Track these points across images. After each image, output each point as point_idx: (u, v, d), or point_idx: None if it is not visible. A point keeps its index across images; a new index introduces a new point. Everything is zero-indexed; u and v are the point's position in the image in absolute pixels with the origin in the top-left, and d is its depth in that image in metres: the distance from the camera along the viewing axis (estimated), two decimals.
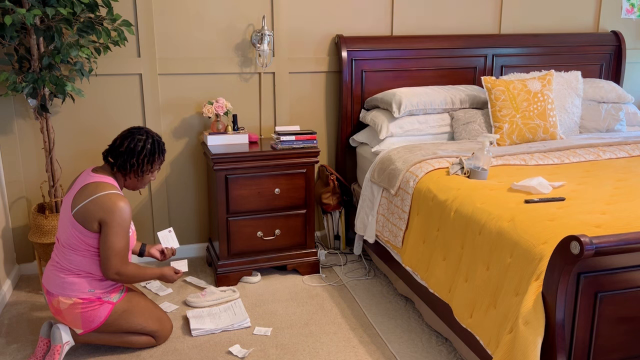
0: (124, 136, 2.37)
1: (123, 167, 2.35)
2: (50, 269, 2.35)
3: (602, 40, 3.90)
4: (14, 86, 2.66)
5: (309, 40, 3.43)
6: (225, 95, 3.36)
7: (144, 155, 2.35)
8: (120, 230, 2.25)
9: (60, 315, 2.33)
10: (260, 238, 3.11)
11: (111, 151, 2.37)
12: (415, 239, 2.57)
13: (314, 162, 3.10)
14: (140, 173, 2.38)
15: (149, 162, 2.38)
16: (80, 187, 2.30)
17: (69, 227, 2.27)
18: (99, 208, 2.22)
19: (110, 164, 2.38)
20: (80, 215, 2.25)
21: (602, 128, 3.49)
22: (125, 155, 2.33)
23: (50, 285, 2.32)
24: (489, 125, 3.24)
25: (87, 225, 2.24)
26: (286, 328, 2.66)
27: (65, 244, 2.29)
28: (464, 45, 3.60)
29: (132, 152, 2.33)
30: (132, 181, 2.41)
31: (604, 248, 1.54)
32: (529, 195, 2.26)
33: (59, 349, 2.29)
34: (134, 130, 2.39)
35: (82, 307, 2.29)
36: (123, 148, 2.33)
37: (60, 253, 2.32)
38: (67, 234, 2.28)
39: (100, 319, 2.33)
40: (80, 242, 2.27)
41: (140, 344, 2.46)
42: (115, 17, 2.82)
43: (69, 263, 2.30)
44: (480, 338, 2.01)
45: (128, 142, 2.34)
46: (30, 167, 3.13)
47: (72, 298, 2.28)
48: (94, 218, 2.23)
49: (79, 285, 2.29)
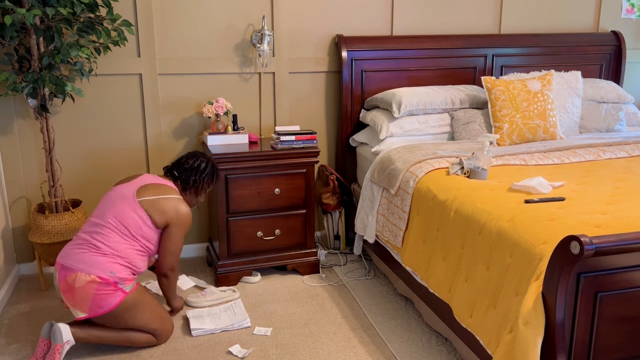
0: (190, 156, 2.68)
1: (186, 182, 2.64)
2: (73, 246, 2.39)
3: (602, 40, 3.90)
4: (14, 86, 2.66)
5: (309, 40, 3.43)
6: (225, 95, 3.36)
7: (205, 174, 2.67)
8: (182, 233, 2.53)
9: (71, 293, 2.32)
10: (260, 238, 3.11)
11: (176, 165, 2.66)
12: (415, 239, 2.57)
13: (314, 162, 3.10)
14: (199, 191, 2.68)
15: (207, 182, 2.69)
16: (148, 182, 2.52)
17: (128, 210, 2.42)
18: (172, 209, 2.47)
19: (173, 177, 2.64)
20: (149, 206, 2.43)
21: (602, 128, 3.49)
22: (190, 172, 2.64)
23: (72, 260, 2.34)
24: (489, 125, 3.24)
25: (154, 217, 2.44)
26: (286, 328, 2.66)
27: (112, 222, 2.39)
28: (464, 45, 3.60)
29: (196, 171, 2.65)
30: (188, 197, 2.68)
31: (604, 248, 1.54)
32: (529, 195, 2.26)
33: (60, 349, 2.30)
34: (198, 153, 2.71)
35: (98, 288, 2.30)
36: (188, 165, 2.64)
37: (94, 230, 2.40)
38: (122, 214, 2.41)
39: (109, 306, 2.33)
40: (134, 227, 2.41)
41: (141, 342, 2.46)
42: (115, 17, 2.83)
43: (104, 241, 2.36)
44: (480, 338, 2.01)
45: (193, 161, 2.65)
46: (30, 167, 3.13)
47: (92, 275, 2.30)
48: (165, 215, 2.45)
49: (103, 265, 2.33)
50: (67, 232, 2.89)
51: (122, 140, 3.25)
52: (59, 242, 2.87)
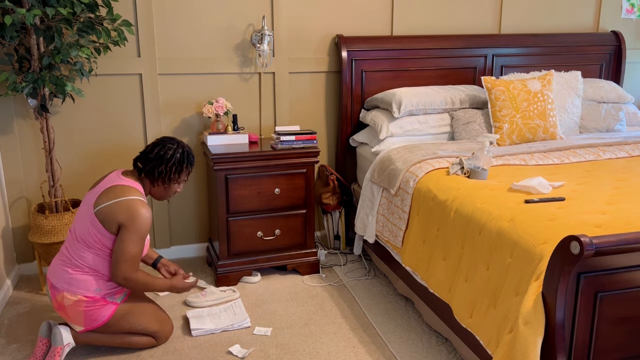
0: (156, 144, 2.41)
1: (151, 174, 2.38)
2: (59, 263, 2.34)
3: (602, 40, 3.90)
4: (14, 86, 2.66)
5: (309, 40, 3.43)
6: (225, 95, 3.36)
7: (172, 163, 2.38)
8: (136, 237, 2.26)
9: (63, 310, 2.32)
10: (260, 238, 3.11)
11: (141, 157, 2.40)
12: (415, 239, 2.57)
13: (314, 162, 3.10)
14: (167, 181, 2.41)
15: (176, 171, 2.41)
16: (106, 187, 2.31)
17: (88, 223, 2.28)
18: (121, 211, 2.24)
19: (138, 169, 2.41)
20: (102, 214, 2.26)
21: (602, 128, 3.49)
22: (155, 162, 2.36)
23: (57, 280, 2.31)
24: (489, 125, 3.24)
25: (106, 226, 2.26)
26: (286, 328, 2.66)
27: (80, 239, 2.29)
28: (464, 45, 3.60)
29: (161, 159, 2.37)
30: (158, 189, 2.44)
31: (604, 248, 1.54)
32: (529, 195, 2.26)
33: (60, 351, 2.29)
34: (165, 139, 2.43)
35: (86, 306, 2.29)
36: (153, 154, 2.37)
37: (72, 248, 2.32)
38: (84, 229, 2.29)
39: (103, 319, 2.33)
40: (96, 240, 2.28)
41: (141, 344, 2.46)
42: (115, 17, 2.82)
43: (80, 259, 2.30)
44: (480, 338, 2.01)
45: (158, 150, 2.38)
46: (30, 167, 3.13)
47: (78, 295, 2.28)
48: (115, 220, 2.24)
49: (86, 283, 2.29)
50: (67, 232, 2.89)
51: (122, 140, 3.25)
52: (59, 242, 2.87)
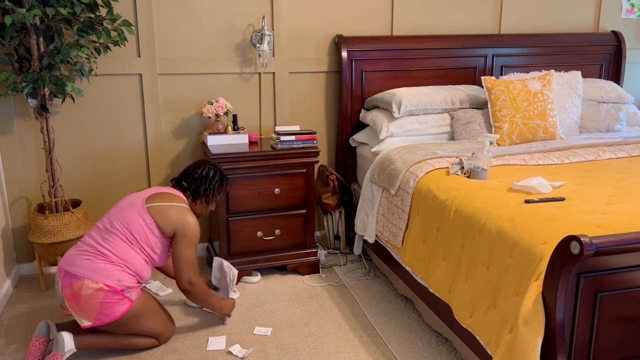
0: (197, 165, 2.66)
1: (197, 192, 2.61)
2: (77, 253, 2.36)
3: (602, 40, 3.90)
4: (14, 86, 2.66)
5: (309, 40, 3.43)
6: (225, 95, 3.36)
7: (215, 181, 2.64)
8: (192, 243, 2.45)
9: (76, 301, 2.29)
10: (260, 238, 3.11)
11: (185, 176, 2.63)
12: (415, 239, 2.57)
13: (314, 162, 3.10)
14: (210, 198, 2.65)
15: (217, 189, 2.66)
16: (158, 191, 2.52)
17: (136, 215, 2.40)
18: (177, 217, 2.43)
19: (183, 188, 2.62)
20: (155, 212, 2.41)
21: (602, 128, 3.49)
22: (199, 181, 2.61)
23: (77, 268, 2.31)
24: (489, 125, 3.24)
25: (160, 224, 2.41)
26: (286, 328, 2.66)
27: (119, 228, 2.38)
28: (464, 45, 3.60)
29: (205, 179, 2.62)
30: (199, 206, 2.65)
31: (604, 248, 1.54)
32: (529, 195, 2.26)
33: (60, 358, 2.29)
34: (204, 162, 2.68)
35: (105, 296, 2.28)
36: (197, 174, 2.62)
37: (101, 236, 2.37)
38: (129, 220, 2.39)
39: (116, 314, 2.32)
40: (140, 232, 2.38)
41: (143, 345, 2.46)
42: (115, 17, 2.83)
43: (109, 247, 2.34)
44: (480, 338, 2.01)
45: (202, 170, 2.63)
46: (30, 167, 3.13)
47: (99, 283, 2.28)
48: (170, 223, 2.42)
49: (110, 272, 2.31)
50: (67, 232, 2.89)
51: (122, 140, 3.26)
52: (59, 242, 2.87)
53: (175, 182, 2.65)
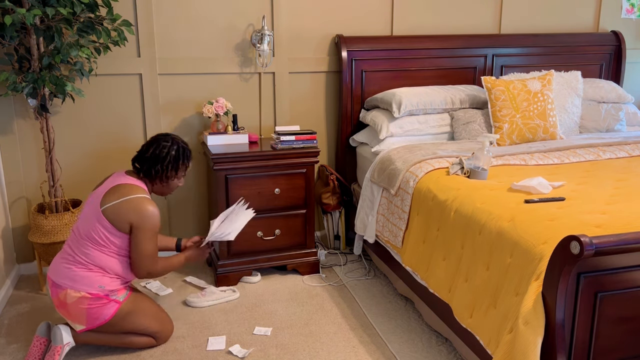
0: (150, 143, 2.43)
1: (148, 174, 2.42)
2: (61, 261, 2.35)
3: (602, 40, 3.90)
4: (14, 86, 2.66)
5: (309, 40, 3.43)
6: (225, 95, 3.36)
7: (168, 161, 2.41)
8: (151, 235, 2.33)
9: (64, 308, 2.31)
10: (260, 238, 3.11)
11: (138, 157, 2.43)
12: (415, 239, 2.57)
13: (314, 162, 3.10)
14: (165, 179, 2.44)
15: (173, 168, 2.44)
16: (111, 186, 2.35)
17: (94, 221, 2.30)
18: (131, 211, 2.28)
19: (136, 169, 2.44)
20: (110, 213, 2.29)
21: (602, 128, 3.49)
22: (151, 162, 2.40)
23: (59, 278, 2.31)
24: (489, 125, 3.24)
25: (117, 225, 2.29)
26: (286, 328, 2.66)
27: (86, 236, 2.31)
28: (464, 45, 3.60)
29: (156, 158, 2.40)
30: (158, 187, 2.48)
31: (604, 248, 1.54)
32: (529, 195, 2.26)
33: (59, 350, 2.29)
34: (159, 137, 2.45)
35: (89, 303, 2.29)
36: (148, 154, 2.40)
37: (76, 245, 2.33)
38: (90, 227, 2.31)
39: (105, 317, 2.33)
40: (103, 238, 2.30)
41: (141, 344, 2.46)
42: (115, 17, 2.83)
43: (84, 256, 2.31)
44: (480, 338, 2.01)
45: (153, 149, 2.41)
46: (30, 167, 3.13)
47: (81, 292, 2.28)
48: (126, 220, 2.29)
49: (90, 280, 2.30)
50: (67, 232, 2.89)
51: (122, 140, 3.25)
52: (59, 242, 2.87)
53: (132, 163, 2.47)
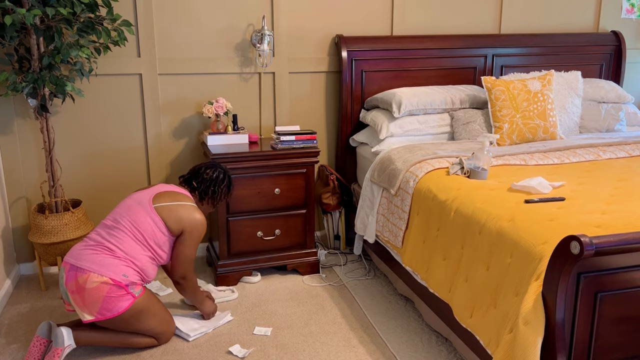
0: (209, 166, 2.68)
1: (205, 192, 2.65)
2: (85, 247, 2.39)
3: (602, 40, 3.90)
4: (14, 86, 2.66)
5: (309, 40, 3.43)
6: (225, 95, 3.36)
7: (224, 185, 2.69)
8: (196, 242, 2.52)
9: (81, 294, 2.29)
10: (260, 238, 3.11)
11: (195, 176, 2.66)
12: (415, 239, 2.57)
13: (314, 162, 3.10)
14: (216, 201, 2.69)
15: (225, 193, 2.71)
16: (164, 190, 2.54)
17: (144, 215, 2.43)
18: (186, 217, 2.47)
19: (191, 187, 2.65)
20: (163, 211, 2.44)
21: (602, 128, 3.49)
22: (209, 183, 2.65)
23: (83, 261, 2.32)
24: (489, 125, 3.24)
25: (169, 224, 2.44)
26: (286, 328, 2.66)
27: (123, 226, 2.40)
28: (464, 45, 3.60)
29: (215, 181, 2.66)
30: (204, 207, 2.69)
31: (604, 248, 1.54)
32: (529, 195, 2.26)
33: (60, 352, 2.29)
34: (215, 164, 2.72)
35: (109, 290, 2.29)
36: (207, 176, 2.65)
37: (107, 232, 2.40)
38: (135, 217, 2.42)
39: (118, 310, 2.32)
40: (150, 232, 2.41)
41: (142, 344, 2.46)
42: (115, 17, 2.82)
43: (117, 244, 2.37)
44: (480, 338, 2.01)
45: (212, 172, 2.66)
46: (30, 167, 3.13)
47: (104, 276, 2.30)
48: (180, 223, 2.46)
49: (116, 267, 2.32)
50: (67, 232, 2.89)
51: (122, 140, 3.26)
52: (59, 242, 2.87)
53: (184, 181, 2.67)
